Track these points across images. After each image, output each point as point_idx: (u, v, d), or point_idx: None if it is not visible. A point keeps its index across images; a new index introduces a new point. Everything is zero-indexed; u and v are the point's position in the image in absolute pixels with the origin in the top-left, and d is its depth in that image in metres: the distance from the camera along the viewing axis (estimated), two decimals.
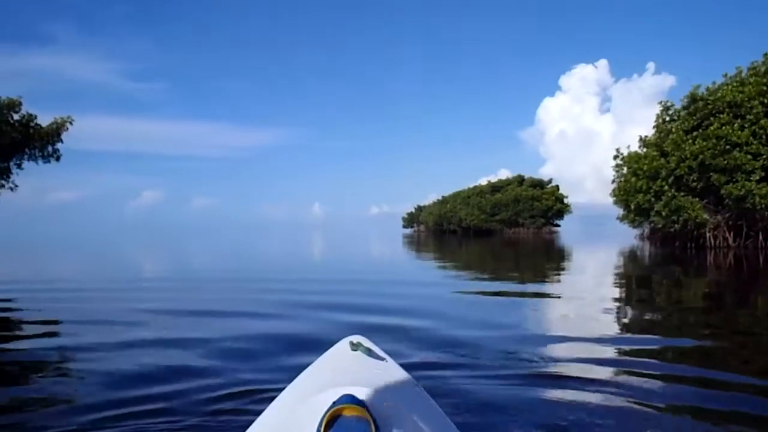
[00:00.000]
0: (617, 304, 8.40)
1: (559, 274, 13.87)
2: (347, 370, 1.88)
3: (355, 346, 2.06)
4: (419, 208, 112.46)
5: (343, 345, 2.12)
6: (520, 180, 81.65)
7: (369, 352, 2.04)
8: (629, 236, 46.10)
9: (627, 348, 4.98)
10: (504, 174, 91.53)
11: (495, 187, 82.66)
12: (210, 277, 13.74)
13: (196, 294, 10.07)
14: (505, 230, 77.44)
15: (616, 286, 11.15)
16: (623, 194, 31.67)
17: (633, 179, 29.86)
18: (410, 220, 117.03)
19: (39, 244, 40.28)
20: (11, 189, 27.39)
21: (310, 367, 1.96)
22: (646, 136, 37.62)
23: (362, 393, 1.49)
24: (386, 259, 22.66)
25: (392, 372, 1.90)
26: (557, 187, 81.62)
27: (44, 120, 26.37)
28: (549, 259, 21.24)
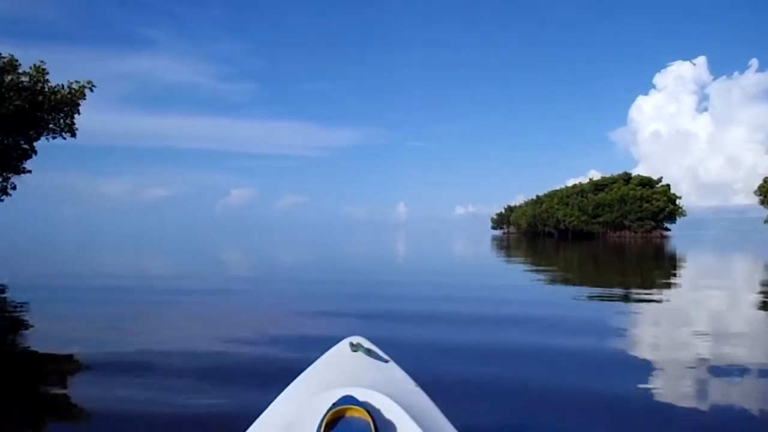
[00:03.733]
0: None
1: None
2: (347, 371, 1.87)
3: (355, 347, 2.06)
4: (509, 208, 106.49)
5: (343, 346, 2.12)
6: (626, 178, 74.05)
7: (369, 353, 2.03)
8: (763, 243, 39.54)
9: None
10: (593, 176, 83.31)
11: (598, 186, 75.49)
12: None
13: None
14: (608, 233, 70.51)
15: None
16: None
17: None
18: (499, 220, 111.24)
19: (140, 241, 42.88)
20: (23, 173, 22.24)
21: (309, 368, 1.95)
22: None
23: (363, 394, 1.48)
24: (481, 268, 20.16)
25: (393, 373, 1.89)
26: (668, 186, 73.40)
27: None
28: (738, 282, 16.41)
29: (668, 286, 13.00)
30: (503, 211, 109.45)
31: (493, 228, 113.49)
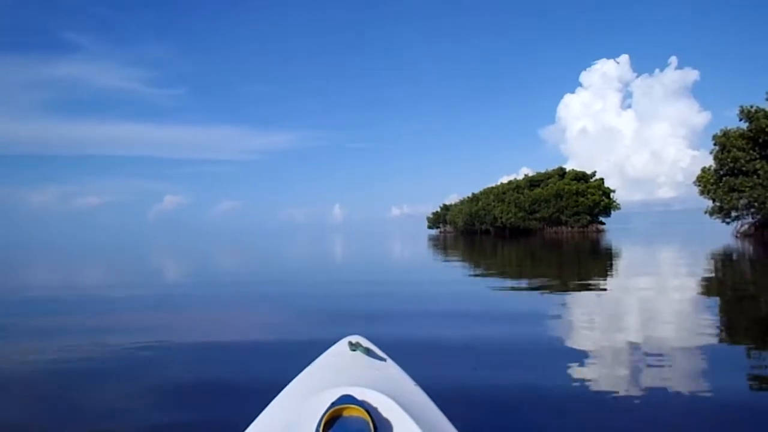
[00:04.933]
0: None
1: None
2: (346, 371, 1.85)
3: (354, 346, 2.03)
4: (445, 207, 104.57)
5: (342, 345, 2.09)
6: (561, 173, 73.19)
7: (368, 352, 2.00)
8: (697, 234, 39.49)
9: None
10: (526, 173, 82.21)
11: (533, 182, 74.29)
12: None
13: None
14: (546, 229, 69.23)
15: None
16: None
17: None
18: (435, 220, 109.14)
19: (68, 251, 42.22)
20: None
21: (308, 367, 1.92)
22: (751, 106, 30.07)
23: (361, 393, 1.48)
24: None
25: (391, 372, 1.88)
26: (602, 179, 73.02)
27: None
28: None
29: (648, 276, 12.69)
30: (439, 210, 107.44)
31: (430, 228, 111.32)
